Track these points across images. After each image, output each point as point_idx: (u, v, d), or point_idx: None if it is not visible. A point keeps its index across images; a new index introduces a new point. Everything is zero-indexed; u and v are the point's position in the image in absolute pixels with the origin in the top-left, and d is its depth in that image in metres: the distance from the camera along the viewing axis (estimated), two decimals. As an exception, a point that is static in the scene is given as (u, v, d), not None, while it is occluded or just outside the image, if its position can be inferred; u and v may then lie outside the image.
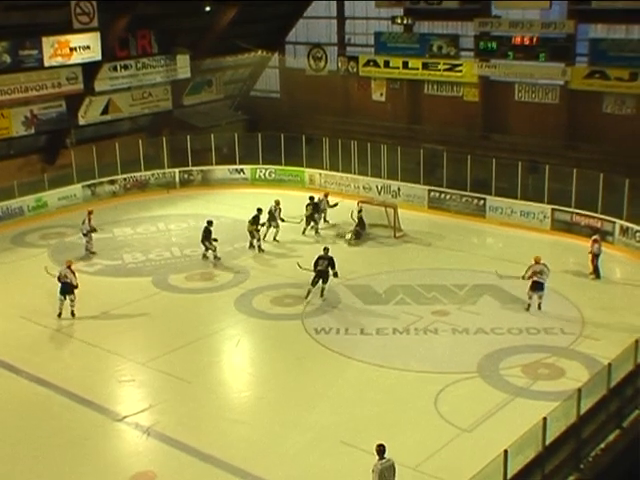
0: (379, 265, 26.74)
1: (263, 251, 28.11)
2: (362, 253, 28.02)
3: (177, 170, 36.16)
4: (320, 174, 34.92)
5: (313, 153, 35.38)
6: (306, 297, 23.90)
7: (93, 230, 28.14)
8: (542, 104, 34.36)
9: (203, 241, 27.25)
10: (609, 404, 16.63)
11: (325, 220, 30.66)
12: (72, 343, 21.83)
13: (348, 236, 29.07)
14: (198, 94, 40.85)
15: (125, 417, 18.19)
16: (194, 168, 36.26)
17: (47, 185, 33.00)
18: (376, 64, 38.15)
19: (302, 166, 35.33)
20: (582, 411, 15.62)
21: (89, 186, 34.34)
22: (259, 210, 28.55)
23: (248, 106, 42.35)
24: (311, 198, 30.30)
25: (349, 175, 34.38)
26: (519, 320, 22.24)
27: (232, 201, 34.01)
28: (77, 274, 23.49)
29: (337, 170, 34.60)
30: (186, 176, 36.36)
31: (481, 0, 34.46)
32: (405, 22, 36.64)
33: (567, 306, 23.22)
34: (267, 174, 36.13)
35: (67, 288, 23.03)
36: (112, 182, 35.00)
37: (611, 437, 16.53)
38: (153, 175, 35.87)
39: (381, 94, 39.19)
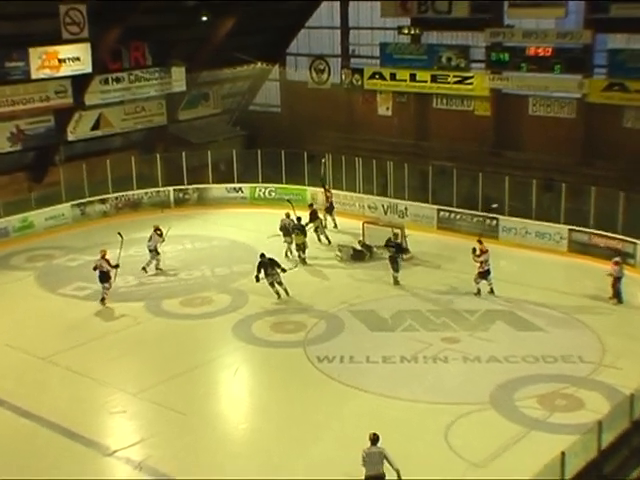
0: (385, 289, 26.67)
1: (306, 263, 28.80)
2: (367, 276, 27.98)
3: (172, 189, 36.26)
4: (321, 192, 34.83)
5: (315, 171, 35.40)
6: (395, 284, 26.62)
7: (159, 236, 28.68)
8: (558, 118, 34.40)
9: (257, 275, 25.72)
10: (632, 438, 16.47)
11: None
12: (60, 372, 21.71)
13: (339, 253, 29.55)
14: (194, 108, 40.98)
15: (115, 451, 18.06)
16: (190, 186, 36.37)
17: (34, 204, 33.06)
18: (382, 77, 38.27)
19: (304, 184, 35.39)
20: (603, 445, 15.50)
21: (78, 205, 34.41)
22: (299, 219, 29.21)
23: (247, 121, 42.47)
24: (310, 205, 31.74)
25: (353, 194, 34.41)
26: (534, 348, 22.14)
27: (230, 221, 34.01)
28: (68, 299, 23.57)
29: (341, 189, 34.63)
30: (181, 195, 36.44)
31: (493, 9, 34.59)
32: (412, 32, 36.77)
33: (586, 333, 23.14)
34: (267, 193, 36.17)
35: (103, 276, 25.60)
36: (103, 201, 35.08)
37: (634, 474, 16.29)
38: (146, 194, 35.96)
39: (387, 108, 39.30)
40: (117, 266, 26.11)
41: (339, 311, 24.93)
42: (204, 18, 36.14)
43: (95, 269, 25.87)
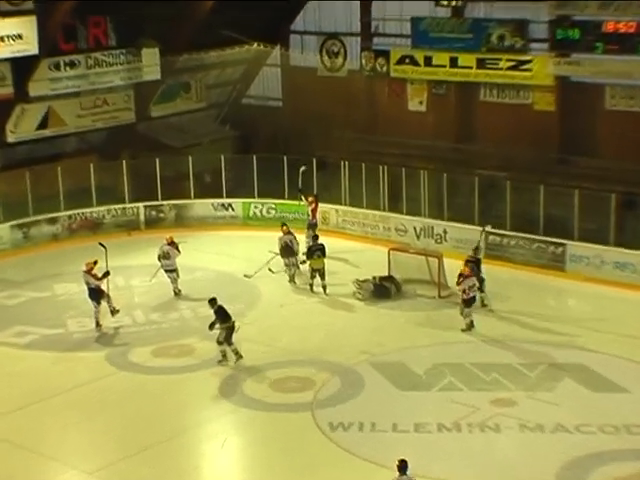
0: (418, 336, 26.66)
1: (327, 294, 29.52)
2: (394, 319, 27.95)
3: (142, 205, 36.51)
4: (337, 211, 35.14)
5: (327, 182, 35.52)
6: (482, 305, 27.93)
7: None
8: (645, 114, 34.43)
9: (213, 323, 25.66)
10: None
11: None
12: (-6, 443, 21.69)
13: (355, 289, 29.61)
14: (171, 102, 41.18)
15: None
16: (165, 202, 36.59)
17: (-38, 225, 33.20)
18: (414, 61, 38.42)
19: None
20: None
21: (20, 226, 34.57)
22: (316, 237, 30.21)
23: (239, 118, 42.72)
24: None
25: (377, 212, 34.57)
26: (615, 414, 21.98)
27: (216, 247, 34.01)
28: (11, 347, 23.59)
29: (360, 206, 34.78)
30: (154, 213, 36.66)
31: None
32: (453, 3, 36.86)
33: (682, 394, 23.05)
34: (265, 211, 36.38)
35: (93, 294, 27.35)
36: (52, 221, 35.26)
37: None
38: (109, 212, 36.16)
39: (420, 102, 39.40)
40: (107, 274, 27.44)
41: (358, 364, 24.85)
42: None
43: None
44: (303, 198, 33.82)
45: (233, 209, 36.67)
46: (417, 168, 34.24)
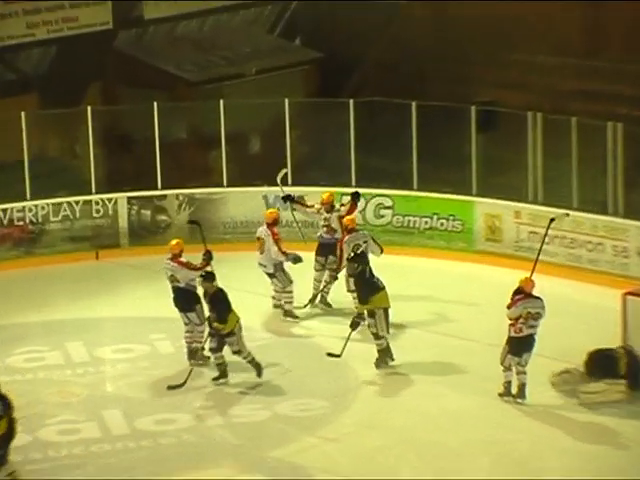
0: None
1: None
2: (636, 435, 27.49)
3: (124, 197, 36.85)
4: (517, 213, 35.40)
5: (497, 154, 35.73)
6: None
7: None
8: None
9: None
10: None
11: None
12: None
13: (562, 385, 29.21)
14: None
15: None
16: (171, 192, 36.98)
17: None
18: None
19: (470, 192, 35.82)
20: None
21: None
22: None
23: (320, 26, 42.80)
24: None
25: (600, 217, 34.57)
26: None
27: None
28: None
29: (567, 204, 34.64)
30: (149, 214, 36.77)
31: None
32: None
33: None
34: (371, 209, 36.82)
35: (182, 299, 29.60)
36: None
37: None
38: (59, 209, 36.46)
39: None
40: (209, 255, 29.30)
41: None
42: None
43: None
44: (299, 204, 34.57)
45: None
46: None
